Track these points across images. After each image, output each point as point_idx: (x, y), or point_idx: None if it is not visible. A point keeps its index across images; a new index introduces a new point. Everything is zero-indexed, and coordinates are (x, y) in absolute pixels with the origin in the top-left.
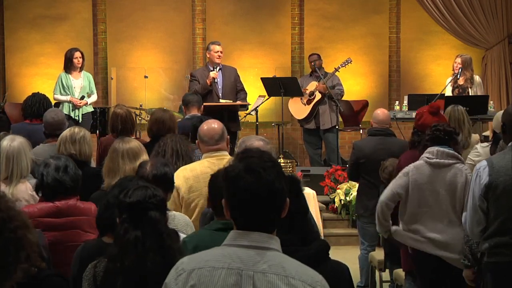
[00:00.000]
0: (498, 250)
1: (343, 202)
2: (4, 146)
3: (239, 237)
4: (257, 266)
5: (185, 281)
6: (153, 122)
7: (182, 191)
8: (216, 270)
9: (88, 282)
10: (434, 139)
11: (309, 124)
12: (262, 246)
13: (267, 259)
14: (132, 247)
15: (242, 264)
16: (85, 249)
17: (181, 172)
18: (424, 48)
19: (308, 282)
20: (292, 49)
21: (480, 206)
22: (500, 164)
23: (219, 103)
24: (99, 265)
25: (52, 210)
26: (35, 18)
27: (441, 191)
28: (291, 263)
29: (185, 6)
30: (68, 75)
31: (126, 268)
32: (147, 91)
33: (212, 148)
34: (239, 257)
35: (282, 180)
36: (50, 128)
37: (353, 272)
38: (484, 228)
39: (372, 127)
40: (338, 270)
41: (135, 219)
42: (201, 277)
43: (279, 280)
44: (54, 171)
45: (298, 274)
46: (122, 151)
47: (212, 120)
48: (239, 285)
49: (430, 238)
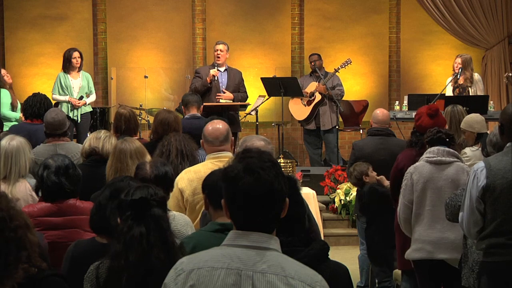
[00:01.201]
0: (494, 250)
1: (343, 202)
2: (3, 145)
3: (238, 237)
4: (256, 266)
5: (184, 281)
6: (158, 124)
7: (186, 193)
8: (215, 270)
9: (91, 283)
10: (435, 141)
11: (310, 125)
12: (261, 246)
13: (266, 259)
14: (137, 243)
15: (241, 264)
16: (78, 248)
17: (185, 174)
18: (424, 48)
19: (307, 282)
20: (292, 49)
21: (477, 207)
22: (497, 167)
23: (219, 103)
24: (102, 266)
25: (52, 209)
26: (35, 18)
27: (444, 188)
28: (291, 263)
29: (185, 6)
30: (66, 75)
31: (131, 264)
32: (147, 91)
33: (216, 149)
34: (238, 257)
35: (281, 180)
36: (50, 128)
37: (352, 272)
38: (481, 228)
39: (372, 127)
40: (338, 271)
41: (139, 216)
42: (200, 277)
43: (278, 280)
44: (54, 175)
45: (298, 274)
46: (130, 151)
47: (218, 121)
48: (238, 285)
49: (434, 242)
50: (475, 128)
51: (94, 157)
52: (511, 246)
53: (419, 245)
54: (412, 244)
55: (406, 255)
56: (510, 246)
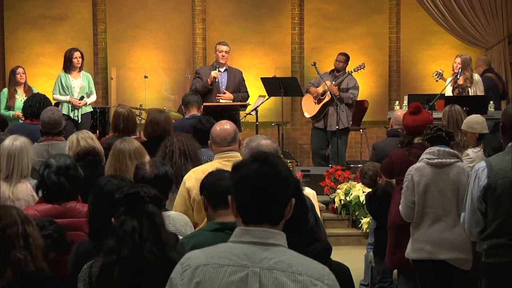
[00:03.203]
0: (496, 251)
1: (343, 202)
2: (6, 145)
3: (245, 234)
4: (263, 263)
5: (190, 277)
6: (148, 123)
7: (194, 193)
8: (222, 267)
9: (84, 282)
10: (435, 139)
11: (319, 123)
12: (268, 242)
13: (273, 256)
14: (129, 237)
15: (248, 261)
16: (80, 248)
17: (193, 174)
18: (424, 48)
19: (315, 277)
20: (292, 49)
21: (479, 207)
22: (499, 166)
23: (219, 103)
24: (95, 265)
25: (52, 212)
26: (35, 18)
27: (445, 190)
28: (297, 258)
29: (185, 6)
30: (67, 75)
31: (122, 259)
32: (147, 91)
33: (224, 149)
34: (244, 253)
35: (289, 174)
36: (46, 127)
37: (353, 272)
38: (482, 229)
39: (392, 128)
40: (340, 271)
41: (131, 210)
42: (206, 274)
43: (285, 277)
44: (54, 175)
45: (305, 270)
46: (129, 151)
47: (225, 121)
48: (244, 282)
49: (434, 242)
50: (476, 129)
51: (91, 157)
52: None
53: (420, 245)
54: (412, 244)
55: (406, 254)
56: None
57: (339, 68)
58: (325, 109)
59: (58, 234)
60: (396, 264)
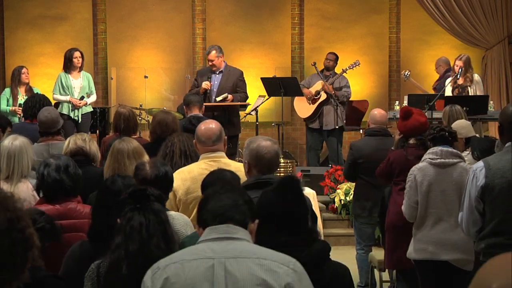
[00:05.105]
0: (493, 251)
1: (343, 202)
2: (6, 145)
3: (211, 232)
4: (228, 254)
5: (159, 276)
6: (157, 124)
7: (179, 193)
8: (189, 262)
9: (92, 281)
10: (437, 139)
11: (313, 124)
12: (232, 236)
13: (237, 247)
14: (137, 233)
15: (213, 254)
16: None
17: (178, 174)
18: (424, 48)
19: (280, 262)
20: (292, 49)
21: (477, 207)
22: (497, 166)
23: (218, 103)
24: (103, 264)
25: (52, 213)
26: (35, 18)
27: (448, 191)
28: (263, 250)
29: (185, 6)
30: (67, 75)
31: (130, 254)
32: (147, 91)
33: (209, 149)
34: (211, 248)
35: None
36: (43, 127)
37: (353, 273)
38: (480, 228)
39: (370, 128)
40: (339, 271)
41: (139, 207)
42: (174, 269)
43: (250, 262)
44: (55, 172)
45: (270, 256)
46: (127, 151)
47: (210, 120)
48: (210, 271)
49: (437, 242)
50: (462, 133)
51: (79, 157)
52: (509, 246)
53: (422, 245)
54: (415, 244)
55: (408, 254)
56: (509, 246)
57: (329, 67)
58: (320, 109)
59: (49, 224)
60: (395, 264)
